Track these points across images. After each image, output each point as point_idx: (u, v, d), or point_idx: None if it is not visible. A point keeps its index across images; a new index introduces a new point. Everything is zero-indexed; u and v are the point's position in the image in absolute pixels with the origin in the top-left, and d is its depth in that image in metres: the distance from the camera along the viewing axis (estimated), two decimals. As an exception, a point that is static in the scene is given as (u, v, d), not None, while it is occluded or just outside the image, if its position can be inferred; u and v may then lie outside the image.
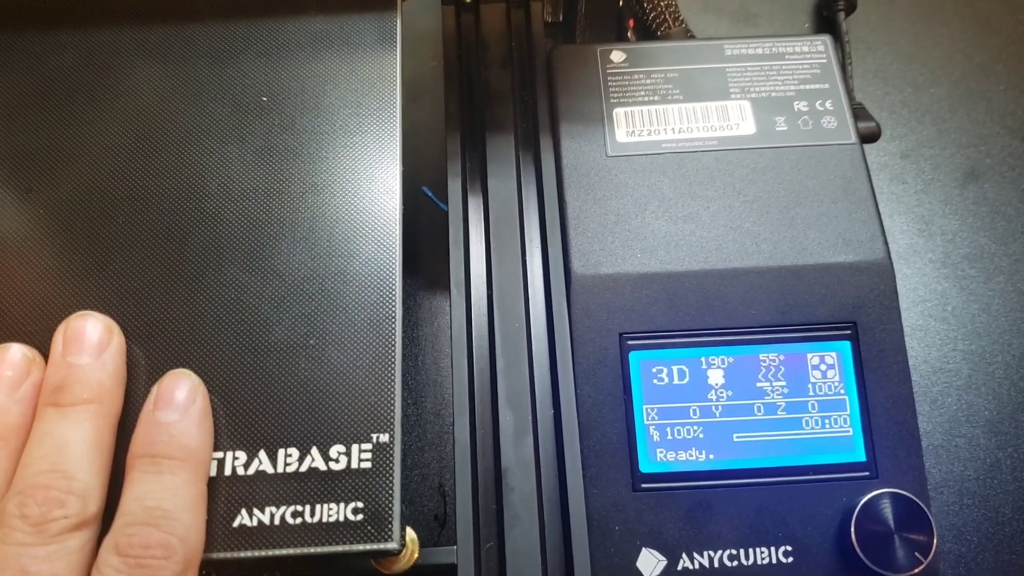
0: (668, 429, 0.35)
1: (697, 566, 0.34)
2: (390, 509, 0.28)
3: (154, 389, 0.29)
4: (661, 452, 0.35)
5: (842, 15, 0.50)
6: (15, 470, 0.27)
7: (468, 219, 0.40)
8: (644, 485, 0.34)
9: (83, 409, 0.28)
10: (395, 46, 0.36)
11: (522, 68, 0.44)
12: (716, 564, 0.34)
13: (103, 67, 0.36)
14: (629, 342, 0.36)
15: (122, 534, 0.26)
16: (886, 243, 0.37)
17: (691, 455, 0.35)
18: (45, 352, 0.30)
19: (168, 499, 0.27)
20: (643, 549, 0.34)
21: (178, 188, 0.33)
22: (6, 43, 0.36)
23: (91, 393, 0.28)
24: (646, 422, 0.35)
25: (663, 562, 0.34)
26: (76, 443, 0.27)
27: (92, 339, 0.29)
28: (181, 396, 0.29)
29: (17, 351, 0.29)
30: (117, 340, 0.30)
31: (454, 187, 0.40)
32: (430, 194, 0.45)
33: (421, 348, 0.43)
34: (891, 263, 0.37)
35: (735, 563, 0.34)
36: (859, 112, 0.43)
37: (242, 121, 0.35)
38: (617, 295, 0.37)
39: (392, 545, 0.28)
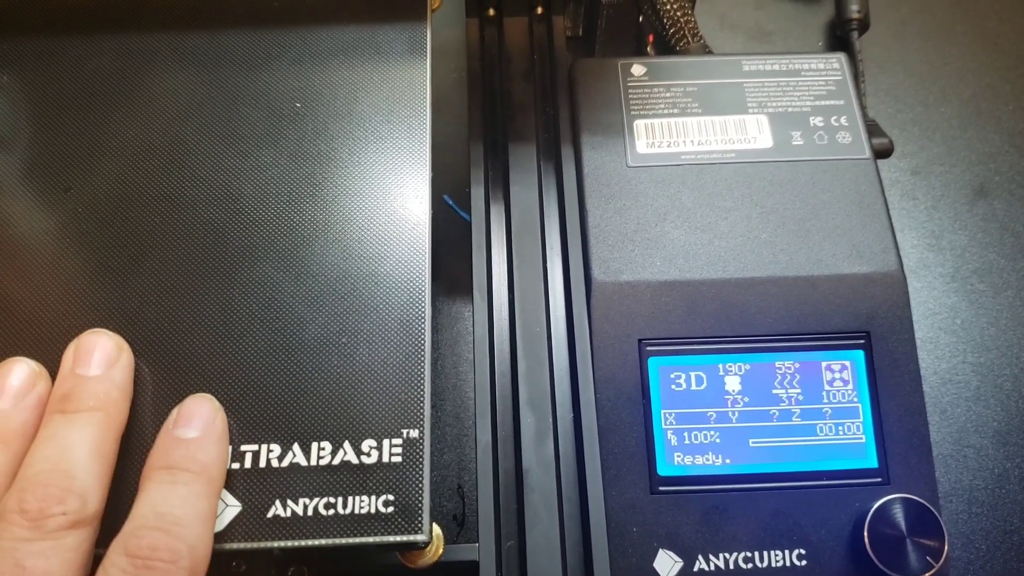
0: (685, 433, 0.36)
1: (713, 568, 0.34)
2: (420, 502, 0.29)
3: (174, 411, 0.30)
4: (679, 456, 0.36)
5: (855, 35, 0.52)
6: (15, 474, 0.27)
7: (490, 226, 0.41)
8: (662, 488, 0.35)
9: (88, 415, 0.28)
10: (425, 55, 0.37)
11: (544, 80, 0.45)
12: (731, 566, 0.34)
13: (141, 72, 0.37)
14: (648, 348, 0.37)
15: (132, 536, 0.26)
16: (899, 255, 0.38)
17: (708, 459, 0.36)
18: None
19: (180, 507, 0.27)
20: (660, 550, 0.34)
21: (214, 190, 0.34)
22: (48, 48, 0.37)
23: (97, 402, 0.29)
24: (664, 426, 0.36)
25: (679, 563, 0.34)
26: (79, 445, 0.27)
27: (101, 354, 0.30)
28: (201, 417, 0.29)
29: (24, 365, 0.30)
30: (126, 356, 0.30)
31: (477, 194, 0.41)
32: (451, 203, 0.46)
33: (440, 353, 0.44)
34: (903, 274, 0.38)
35: (750, 565, 0.34)
36: (872, 128, 0.43)
37: (276, 126, 0.36)
38: (637, 302, 0.37)
39: (422, 537, 0.29)
